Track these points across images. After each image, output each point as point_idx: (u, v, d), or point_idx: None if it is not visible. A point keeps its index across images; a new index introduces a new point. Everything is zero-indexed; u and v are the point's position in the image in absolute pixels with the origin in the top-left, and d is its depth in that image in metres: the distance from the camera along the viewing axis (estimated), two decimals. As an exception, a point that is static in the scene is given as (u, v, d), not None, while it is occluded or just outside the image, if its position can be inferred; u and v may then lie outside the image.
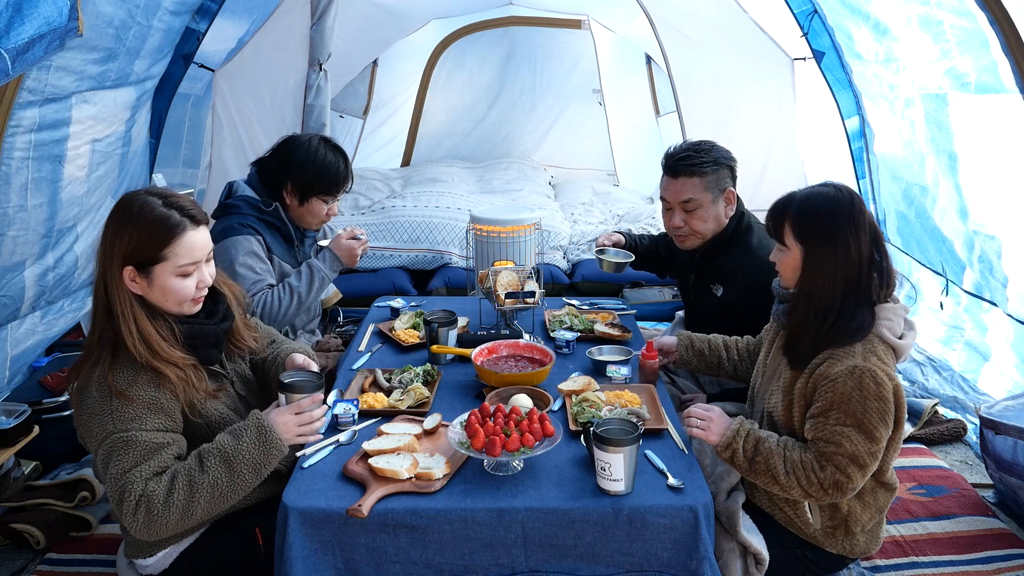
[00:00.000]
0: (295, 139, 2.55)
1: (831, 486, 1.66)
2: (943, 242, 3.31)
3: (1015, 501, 2.46)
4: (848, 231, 1.71)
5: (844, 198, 1.74)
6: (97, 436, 1.57)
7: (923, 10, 2.91)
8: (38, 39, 1.96)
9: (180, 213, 1.61)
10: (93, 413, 1.57)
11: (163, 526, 1.54)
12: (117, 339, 1.59)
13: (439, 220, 4.53)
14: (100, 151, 2.98)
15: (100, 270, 1.60)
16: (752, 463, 1.72)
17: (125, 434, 1.55)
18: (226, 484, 1.58)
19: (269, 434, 1.61)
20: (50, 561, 2.25)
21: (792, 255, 1.77)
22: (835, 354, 1.69)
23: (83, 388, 1.60)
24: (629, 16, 5.12)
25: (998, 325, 3.04)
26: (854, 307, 1.71)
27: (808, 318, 1.73)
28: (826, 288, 1.71)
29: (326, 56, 3.88)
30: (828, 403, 1.67)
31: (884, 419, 1.65)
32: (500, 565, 1.60)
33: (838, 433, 1.66)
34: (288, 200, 2.51)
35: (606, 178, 6.63)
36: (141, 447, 1.55)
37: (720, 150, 2.41)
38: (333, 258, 2.54)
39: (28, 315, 2.86)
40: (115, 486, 1.54)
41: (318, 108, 3.92)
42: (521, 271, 2.43)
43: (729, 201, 2.40)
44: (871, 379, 1.64)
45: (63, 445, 2.63)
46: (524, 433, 1.68)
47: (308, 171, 2.47)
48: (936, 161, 3.24)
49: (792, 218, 1.76)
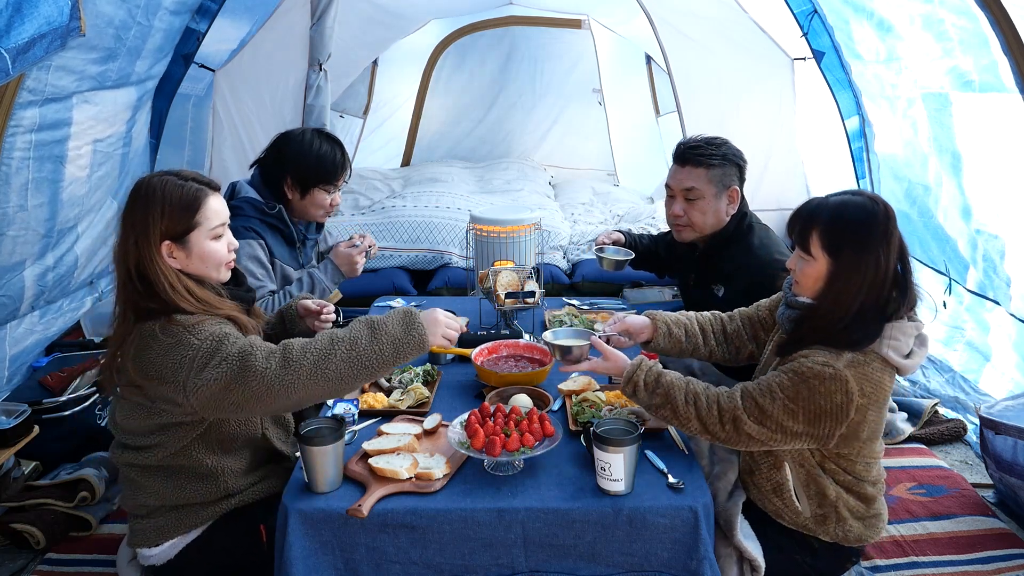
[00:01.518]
0: (288, 134, 2.55)
1: (729, 420, 1.64)
2: (946, 241, 3.31)
3: (1015, 501, 2.46)
4: (881, 247, 1.62)
5: (880, 211, 1.65)
6: (184, 359, 1.56)
7: (925, 9, 2.91)
8: (38, 39, 1.96)
9: (197, 182, 1.70)
10: (170, 347, 1.58)
11: (297, 372, 1.54)
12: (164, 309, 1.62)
13: (439, 220, 4.53)
14: (101, 151, 2.99)
15: (136, 255, 1.62)
16: (653, 395, 1.71)
17: (219, 330, 1.60)
18: (365, 345, 1.59)
19: (414, 318, 1.65)
20: (50, 561, 2.25)
21: (817, 266, 1.68)
22: (821, 350, 1.65)
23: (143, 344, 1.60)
24: (629, 16, 5.11)
25: (1000, 325, 3.04)
26: (863, 319, 1.64)
27: (817, 329, 1.67)
28: (845, 303, 1.64)
29: (326, 56, 3.87)
30: (787, 369, 1.64)
31: (817, 416, 1.61)
32: (500, 565, 1.60)
33: (771, 387, 1.63)
34: (290, 195, 2.51)
35: (606, 178, 6.63)
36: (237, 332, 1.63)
37: (732, 148, 2.41)
38: (334, 269, 2.57)
39: (27, 315, 2.86)
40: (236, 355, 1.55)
41: (318, 108, 3.91)
42: (521, 271, 2.44)
43: (732, 199, 2.39)
44: (836, 382, 1.59)
45: (63, 445, 2.63)
46: (524, 433, 1.68)
47: (305, 163, 2.48)
48: (939, 161, 3.24)
49: (822, 227, 1.67)
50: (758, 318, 2.04)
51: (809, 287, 1.72)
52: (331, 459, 1.63)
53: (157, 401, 1.64)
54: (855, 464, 1.75)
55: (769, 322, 2.01)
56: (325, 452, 1.61)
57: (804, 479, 1.77)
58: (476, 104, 6.83)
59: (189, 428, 1.68)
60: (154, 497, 1.73)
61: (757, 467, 1.82)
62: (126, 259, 1.63)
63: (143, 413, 1.67)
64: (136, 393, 1.66)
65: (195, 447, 1.70)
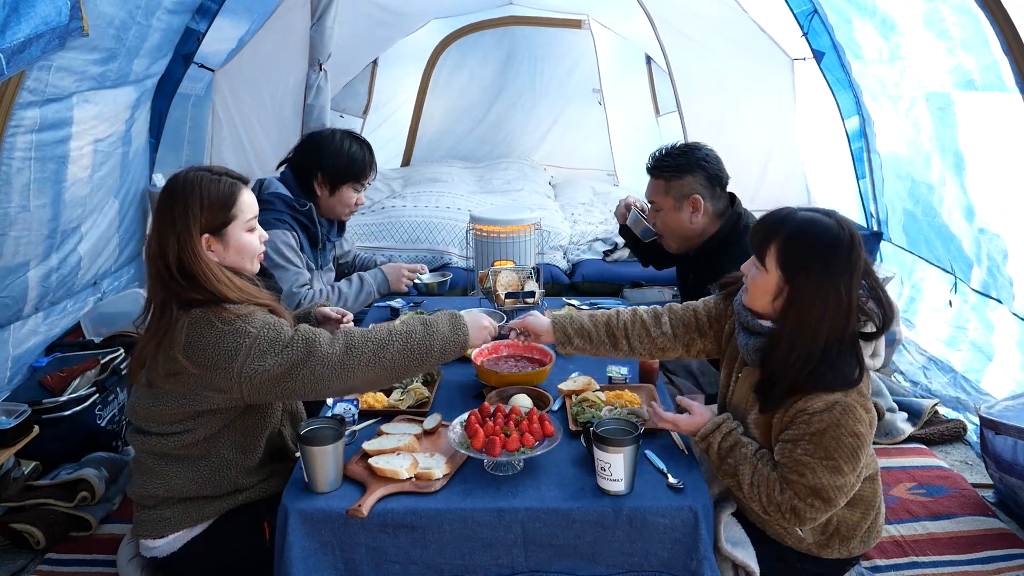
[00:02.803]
0: (319, 134, 2.64)
1: (788, 511, 1.61)
2: (951, 240, 3.31)
3: (1015, 501, 2.46)
4: (842, 277, 1.56)
5: (844, 237, 1.57)
6: (241, 347, 1.60)
7: (927, 8, 2.91)
8: (35, 38, 1.96)
9: (229, 177, 1.77)
10: (226, 334, 1.61)
11: (359, 358, 1.63)
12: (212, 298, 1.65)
13: (439, 220, 4.53)
14: (102, 151, 2.99)
15: (177, 250, 1.65)
16: (723, 462, 1.68)
17: (273, 320, 1.66)
18: (419, 339, 1.68)
19: (460, 320, 1.75)
20: (50, 561, 2.25)
21: (767, 279, 1.62)
22: (818, 393, 1.58)
23: (195, 333, 1.61)
24: (629, 16, 5.11)
25: (1004, 324, 3.04)
26: (838, 355, 1.58)
27: (789, 360, 1.58)
28: (809, 331, 1.57)
29: (326, 56, 3.88)
30: (800, 433, 1.59)
31: (855, 454, 1.58)
32: (500, 565, 1.60)
33: (803, 464, 1.58)
34: (319, 191, 2.58)
35: (606, 178, 6.62)
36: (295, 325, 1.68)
37: (699, 154, 2.33)
38: (384, 280, 2.68)
39: (31, 316, 2.86)
40: (301, 340, 1.62)
41: (318, 108, 3.92)
42: (521, 271, 2.43)
43: (695, 208, 2.32)
44: (852, 415, 1.57)
45: (63, 445, 2.63)
46: (524, 433, 1.68)
47: (337, 161, 2.56)
48: (941, 160, 3.24)
49: (782, 241, 1.59)
50: (695, 324, 1.92)
51: (757, 298, 1.66)
52: (331, 459, 1.63)
53: (200, 388, 1.65)
54: None
55: (706, 327, 1.91)
56: (325, 452, 1.61)
57: None
58: (476, 104, 6.83)
59: (219, 417, 1.71)
60: (164, 487, 1.73)
61: None
62: (165, 255, 1.65)
63: (176, 401, 1.67)
64: (174, 382, 1.66)
65: (217, 438, 1.73)
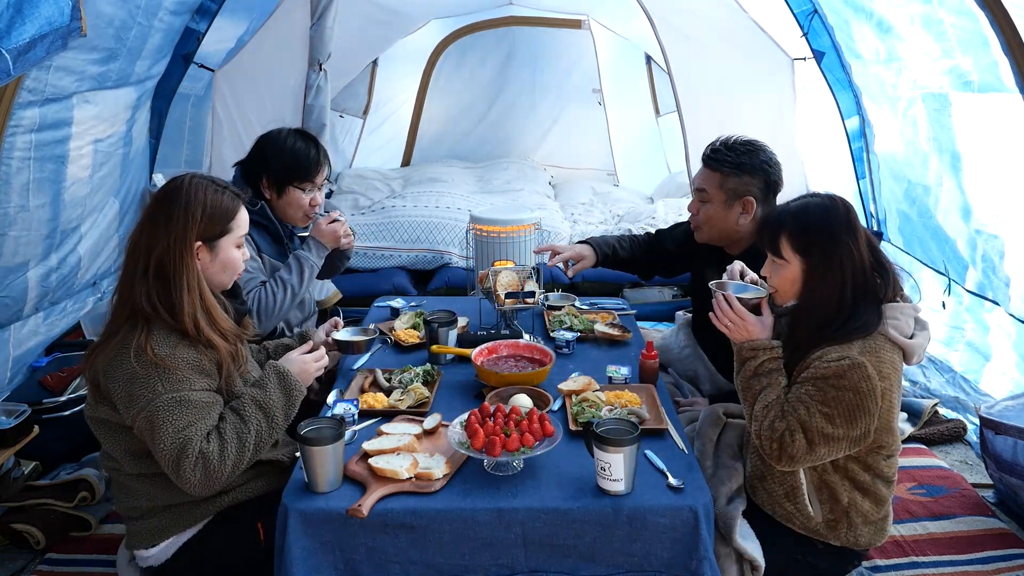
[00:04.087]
0: (267, 134, 2.54)
1: (777, 439, 1.68)
2: (946, 241, 3.31)
3: (1015, 501, 2.46)
4: (849, 237, 1.72)
5: (838, 206, 1.76)
6: (142, 399, 1.60)
7: (925, 9, 2.91)
8: (39, 39, 1.96)
9: (231, 190, 1.79)
10: (135, 377, 1.60)
11: (217, 481, 1.64)
12: (154, 315, 1.64)
13: (439, 220, 4.53)
14: (102, 151, 2.98)
15: (163, 248, 1.65)
16: (754, 377, 1.77)
17: (177, 395, 1.61)
18: (266, 430, 1.70)
19: (289, 378, 1.76)
20: (50, 561, 2.25)
21: (791, 268, 1.77)
22: (834, 345, 1.69)
23: (117, 359, 1.62)
24: (629, 16, 5.11)
25: (1000, 325, 3.04)
26: (860, 307, 1.71)
27: (812, 328, 1.74)
28: (832, 295, 1.71)
29: (326, 56, 3.87)
30: (809, 376, 1.69)
31: (852, 412, 1.64)
32: (500, 565, 1.60)
33: (800, 399, 1.68)
34: (268, 195, 2.49)
35: (606, 178, 6.63)
36: (194, 407, 1.63)
37: (761, 156, 2.32)
38: (317, 244, 2.51)
39: (31, 316, 2.86)
40: (173, 443, 1.59)
41: (318, 108, 3.91)
42: (521, 271, 2.43)
43: (746, 209, 2.30)
44: (858, 371, 1.64)
45: (63, 445, 2.63)
46: (524, 433, 1.68)
47: (280, 161, 2.45)
48: (939, 160, 3.24)
49: (789, 231, 1.76)
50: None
51: (788, 290, 1.81)
52: (331, 459, 1.63)
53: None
54: (879, 459, 1.76)
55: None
56: (325, 452, 1.61)
57: (817, 483, 1.78)
58: (476, 104, 6.83)
59: None
60: (146, 499, 1.74)
61: (769, 471, 1.82)
62: (149, 251, 1.66)
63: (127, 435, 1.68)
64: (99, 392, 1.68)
65: None
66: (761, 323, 1.81)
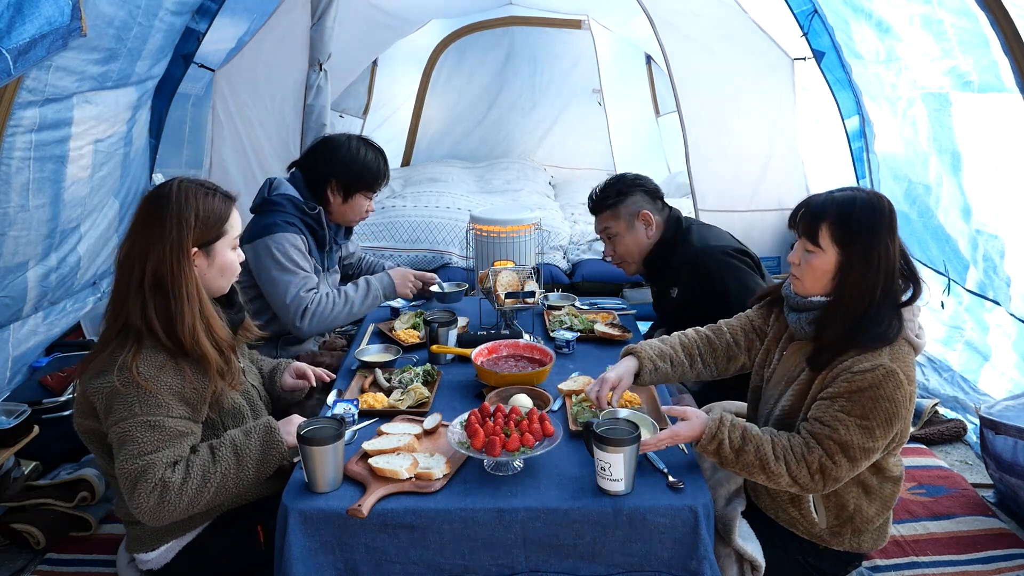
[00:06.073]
0: (333, 140, 2.61)
1: (817, 471, 1.62)
2: (946, 241, 3.31)
3: (1015, 501, 2.46)
4: (889, 238, 1.67)
5: (884, 205, 1.70)
6: (118, 414, 1.57)
7: (924, 9, 2.91)
8: (40, 39, 1.96)
9: (220, 192, 1.74)
10: (116, 393, 1.58)
11: (169, 513, 1.57)
12: (146, 332, 1.61)
13: (439, 220, 4.53)
14: (103, 151, 2.98)
15: (159, 258, 1.61)
16: (740, 452, 1.66)
17: (152, 418, 1.58)
18: (233, 478, 1.63)
19: (274, 435, 1.69)
20: (50, 561, 2.25)
21: (825, 258, 1.70)
22: (863, 355, 1.65)
23: (102, 372, 1.60)
24: (629, 16, 5.12)
25: (1000, 324, 3.04)
26: (884, 310, 1.67)
27: (844, 328, 1.68)
28: (864, 293, 1.67)
29: (326, 56, 3.88)
30: (840, 391, 1.63)
31: (890, 421, 1.62)
32: (500, 565, 1.60)
33: (837, 419, 1.62)
34: (332, 198, 2.57)
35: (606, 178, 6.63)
36: (165, 433, 1.59)
37: (625, 180, 2.54)
38: (390, 284, 2.62)
39: (30, 316, 2.86)
40: (132, 466, 1.55)
41: (318, 108, 3.92)
42: (521, 271, 2.44)
43: (647, 222, 2.48)
44: (893, 380, 1.61)
45: (63, 445, 2.63)
46: (524, 433, 1.68)
47: (351, 169, 2.55)
48: (939, 160, 3.24)
49: (832, 220, 1.69)
50: (751, 326, 1.99)
51: (816, 280, 1.73)
52: (331, 459, 1.62)
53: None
54: (887, 456, 1.75)
55: (763, 328, 1.98)
56: (325, 452, 1.61)
57: None
58: (476, 104, 6.84)
59: None
60: None
61: None
62: (144, 262, 1.61)
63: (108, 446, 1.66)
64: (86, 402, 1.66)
65: None
66: (690, 424, 1.68)
